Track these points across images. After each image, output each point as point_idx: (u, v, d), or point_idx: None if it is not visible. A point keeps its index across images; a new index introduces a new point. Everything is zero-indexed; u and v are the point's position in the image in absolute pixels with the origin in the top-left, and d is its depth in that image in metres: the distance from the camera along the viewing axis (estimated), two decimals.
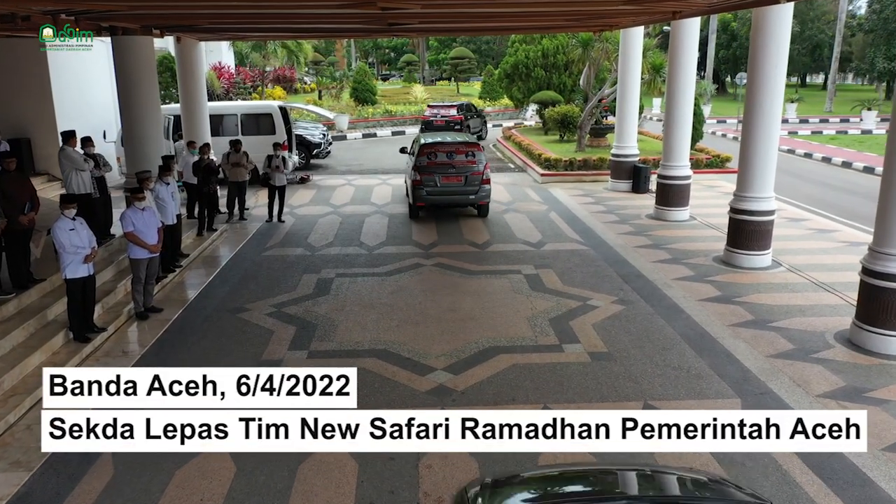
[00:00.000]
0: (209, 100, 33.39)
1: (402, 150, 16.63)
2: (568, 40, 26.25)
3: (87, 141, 10.39)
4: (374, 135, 31.79)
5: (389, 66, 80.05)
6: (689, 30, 13.57)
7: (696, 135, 20.12)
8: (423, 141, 14.69)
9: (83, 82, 16.93)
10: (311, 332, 8.41)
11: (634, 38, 16.83)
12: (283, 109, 19.06)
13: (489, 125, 36.26)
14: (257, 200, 15.81)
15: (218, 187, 14.25)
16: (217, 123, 18.00)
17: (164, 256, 10.41)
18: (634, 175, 17.32)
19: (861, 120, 34.53)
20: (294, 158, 19.43)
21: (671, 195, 14.29)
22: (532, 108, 29.26)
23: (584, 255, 11.71)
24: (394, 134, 32.13)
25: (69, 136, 9.99)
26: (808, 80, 71.50)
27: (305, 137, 21.67)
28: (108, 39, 12.42)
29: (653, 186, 17.13)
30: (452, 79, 56.16)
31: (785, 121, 33.49)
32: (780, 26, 10.18)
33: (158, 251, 8.75)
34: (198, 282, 10.47)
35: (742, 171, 10.96)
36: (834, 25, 57.67)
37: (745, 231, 10.89)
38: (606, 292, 9.80)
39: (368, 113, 34.58)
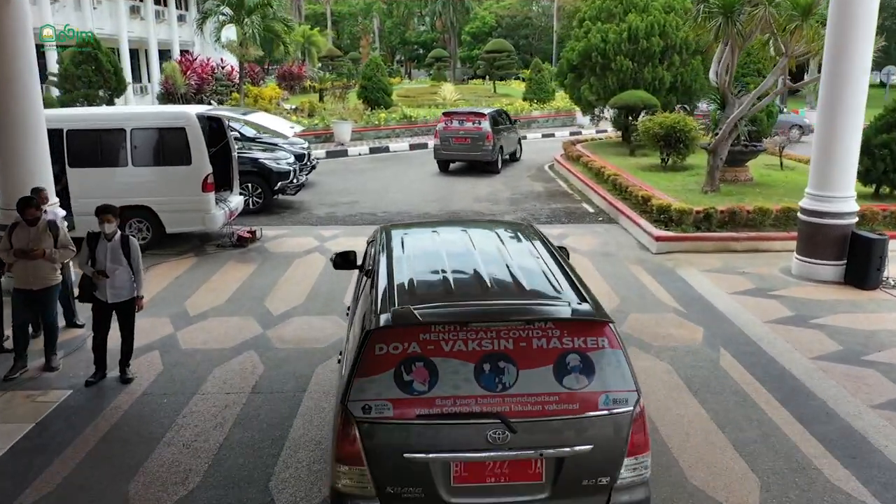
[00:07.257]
0: (170, 102, 25.78)
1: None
2: (666, 18, 17.80)
3: None
4: (387, 149, 23.72)
5: (417, 63, 72.05)
6: None
7: None
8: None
9: None
10: None
11: None
12: (211, 120, 11.17)
13: (538, 134, 28.08)
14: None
15: None
16: (85, 145, 10.19)
17: None
18: (853, 251, 8.99)
19: None
20: (235, 200, 11.54)
21: None
22: (608, 113, 20.59)
23: None
24: (412, 147, 24.01)
25: None
26: None
27: (264, 163, 13.66)
28: None
29: (892, 273, 8.95)
30: (487, 77, 47.82)
31: None
32: None
33: None
34: None
35: None
36: None
37: None
38: None
39: (380, 119, 26.50)
